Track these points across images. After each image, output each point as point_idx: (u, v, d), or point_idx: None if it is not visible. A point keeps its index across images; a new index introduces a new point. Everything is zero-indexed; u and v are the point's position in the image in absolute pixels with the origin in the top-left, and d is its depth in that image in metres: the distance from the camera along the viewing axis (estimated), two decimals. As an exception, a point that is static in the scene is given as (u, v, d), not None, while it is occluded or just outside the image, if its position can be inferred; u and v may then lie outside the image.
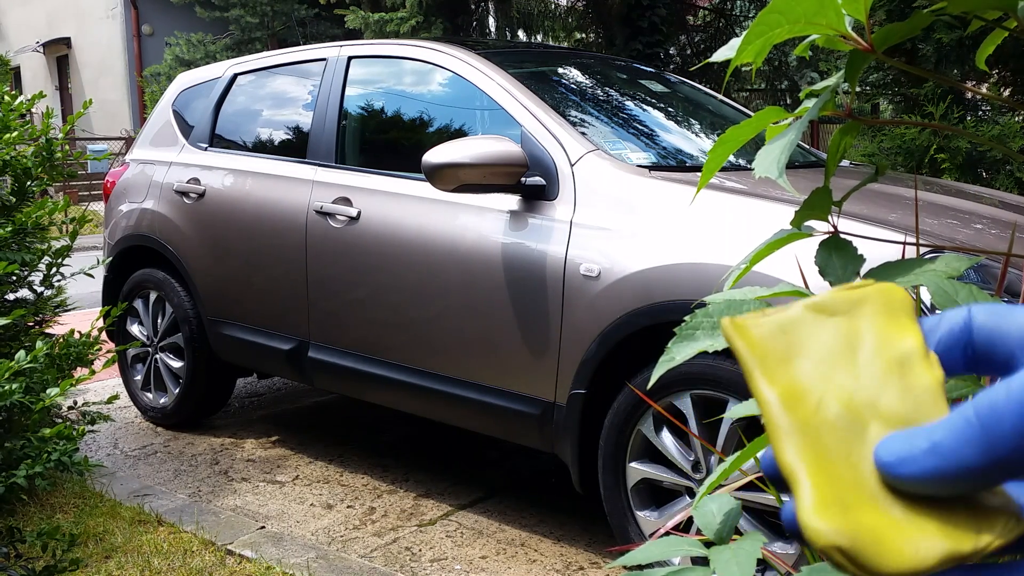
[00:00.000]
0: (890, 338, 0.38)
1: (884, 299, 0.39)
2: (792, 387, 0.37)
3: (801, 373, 0.37)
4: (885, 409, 0.36)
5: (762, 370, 0.37)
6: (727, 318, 0.39)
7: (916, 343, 0.38)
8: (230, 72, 4.06)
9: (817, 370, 0.37)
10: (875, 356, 0.37)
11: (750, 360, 0.38)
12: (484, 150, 2.62)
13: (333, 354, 3.28)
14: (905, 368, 0.37)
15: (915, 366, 0.37)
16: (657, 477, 2.49)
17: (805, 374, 0.37)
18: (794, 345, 0.38)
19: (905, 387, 0.37)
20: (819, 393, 0.37)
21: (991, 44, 0.80)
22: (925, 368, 0.37)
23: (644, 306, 2.40)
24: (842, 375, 0.37)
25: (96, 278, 3.35)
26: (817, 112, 0.68)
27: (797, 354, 0.38)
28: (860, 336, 0.38)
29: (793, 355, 0.38)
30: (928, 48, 4.92)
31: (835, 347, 0.38)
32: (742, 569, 0.83)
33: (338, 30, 12.66)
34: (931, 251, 2.01)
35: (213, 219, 3.72)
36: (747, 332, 0.38)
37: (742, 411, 0.76)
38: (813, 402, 0.36)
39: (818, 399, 0.36)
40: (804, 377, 0.37)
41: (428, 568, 2.73)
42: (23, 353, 1.99)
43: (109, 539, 2.85)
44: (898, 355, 0.37)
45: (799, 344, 0.38)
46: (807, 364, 0.37)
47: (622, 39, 8.16)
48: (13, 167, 2.70)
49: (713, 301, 0.69)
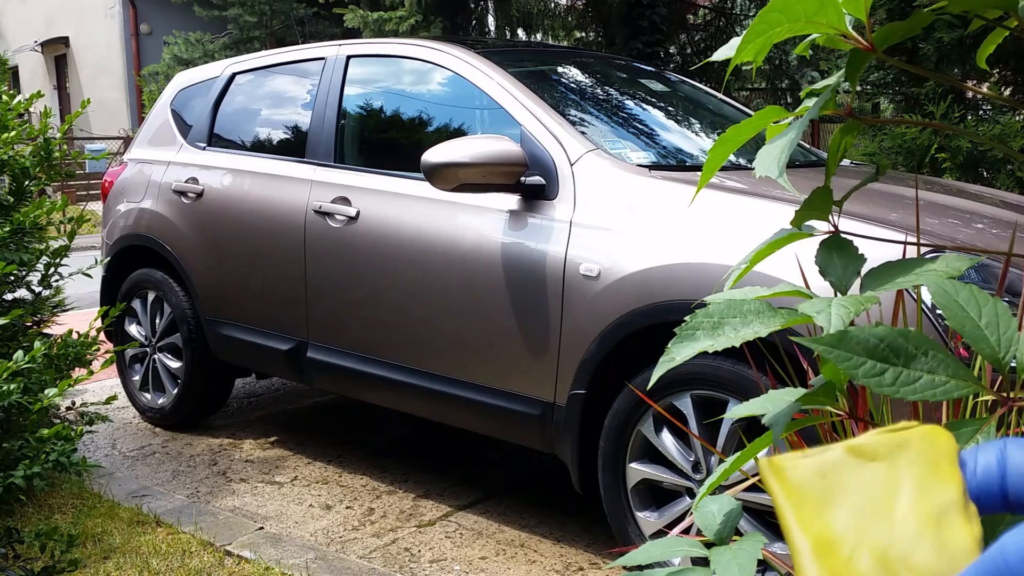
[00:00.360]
0: (930, 489, 0.37)
1: (927, 444, 0.39)
2: (826, 536, 0.37)
3: (836, 521, 0.37)
4: (919, 565, 0.36)
5: (797, 516, 0.37)
6: (765, 459, 0.39)
7: (956, 495, 0.37)
8: (228, 71, 4.05)
9: (853, 520, 0.37)
10: (913, 508, 0.37)
11: (785, 504, 0.38)
12: (483, 149, 2.61)
13: (332, 354, 3.27)
14: (943, 523, 0.37)
15: (953, 521, 0.37)
16: (657, 477, 2.49)
17: (840, 523, 0.37)
18: (832, 491, 0.38)
19: (941, 543, 0.36)
20: (853, 544, 0.36)
21: (992, 43, 0.80)
22: (963, 524, 0.37)
23: (644, 306, 2.40)
24: (878, 526, 0.37)
25: (94, 278, 3.34)
26: (818, 111, 0.68)
27: (834, 501, 0.38)
28: (899, 485, 0.38)
29: (830, 501, 0.38)
30: (929, 47, 4.92)
31: (873, 496, 0.38)
32: (742, 570, 0.83)
33: (337, 29, 12.65)
34: (932, 251, 2.01)
35: (211, 219, 3.72)
36: (784, 475, 0.38)
37: (742, 411, 0.76)
38: (846, 553, 0.36)
39: (851, 551, 0.36)
40: (839, 526, 0.37)
41: (427, 569, 2.73)
42: (21, 353, 1.99)
43: (107, 540, 2.84)
44: (937, 508, 0.37)
45: (837, 490, 0.38)
46: (843, 512, 0.37)
47: (622, 38, 8.16)
48: (11, 167, 2.70)
49: (713, 301, 0.68)
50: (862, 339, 0.57)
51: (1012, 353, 0.60)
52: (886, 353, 0.57)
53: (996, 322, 0.61)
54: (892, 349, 0.57)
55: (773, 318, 0.65)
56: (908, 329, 0.58)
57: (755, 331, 0.64)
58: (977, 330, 0.61)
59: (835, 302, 0.64)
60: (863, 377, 0.56)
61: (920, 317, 1.83)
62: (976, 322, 0.61)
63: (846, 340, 0.57)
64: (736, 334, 0.64)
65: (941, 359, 0.57)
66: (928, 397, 0.56)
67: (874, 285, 0.67)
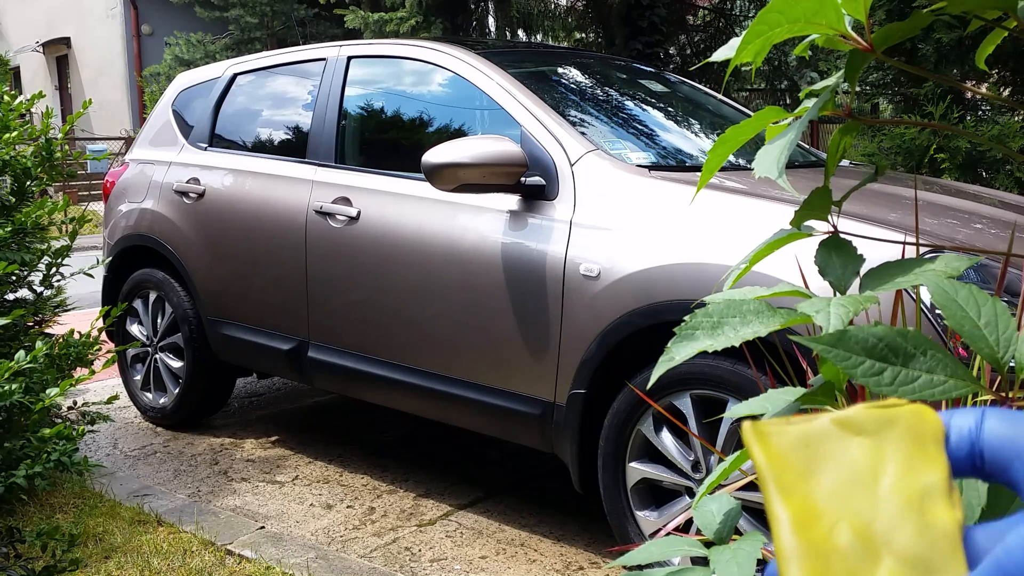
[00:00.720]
0: (915, 469, 0.37)
1: (915, 423, 0.38)
2: (807, 507, 0.36)
3: (818, 493, 0.36)
4: (899, 546, 0.35)
5: (778, 485, 0.37)
6: (749, 423, 0.38)
7: (941, 477, 0.37)
8: (230, 72, 4.06)
9: (835, 492, 0.36)
10: (897, 487, 0.37)
11: (767, 472, 0.37)
12: (484, 150, 2.61)
13: (333, 354, 3.28)
14: (926, 505, 0.36)
15: (936, 504, 0.36)
16: (657, 477, 2.49)
17: (822, 495, 0.36)
18: (815, 461, 0.37)
19: (923, 526, 0.36)
20: (834, 518, 0.36)
21: (991, 44, 0.80)
22: (946, 508, 0.36)
23: (644, 306, 2.40)
24: (861, 502, 0.36)
25: (96, 278, 3.34)
26: (817, 112, 0.68)
27: (817, 471, 0.37)
28: (884, 461, 0.37)
29: (813, 472, 0.37)
30: (928, 48, 4.92)
31: (857, 470, 0.37)
32: (742, 569, 0.83)
33: (338, 30, 12.66)
34: (931, 251, 2.01)
35: (213, 219, 3.72)
36: (768, 441, 0.38)
37: (742, 411, 0.76)
38: (826, 526, 0.36)
39: (832, 524, 0.36)
40: (821, 498, 0.36)
41: (428, 568, 2.73)
42: (23, 353, 1.99)
43: (109, 539, 2.85)
44: (920, 489, 0.36)
45: (821, 461, 0.37)
46: (826, 484, 0.37)
47: (622, 39, 8.16)
48: (13, 167, 2.70)
49: (713, 301, 0.69)
50: (861, 338, 0.57)
51: (1011, 353, 0.60)
52: (885, 352, 0.57)
53: (995, 322, 0.61)
54: (891, 348, 0.57)
55: (772, 318, 0.65)
56: (907, 329, 0.58)
57: (755, 331, 0.64)
58: (976, 330, 0.61)
59: (834, 302, 0.64)
60: (862, 376, 0.57)
61: (919, 317, 1.83)
62: (975, 322, 0.61)
63: (845, 339, 0.57)
64: (736, 334, 0.64)
65: (940, 359, 0.57)
66: (927, 397, 0.56)
67: (873, 285, 0.68)
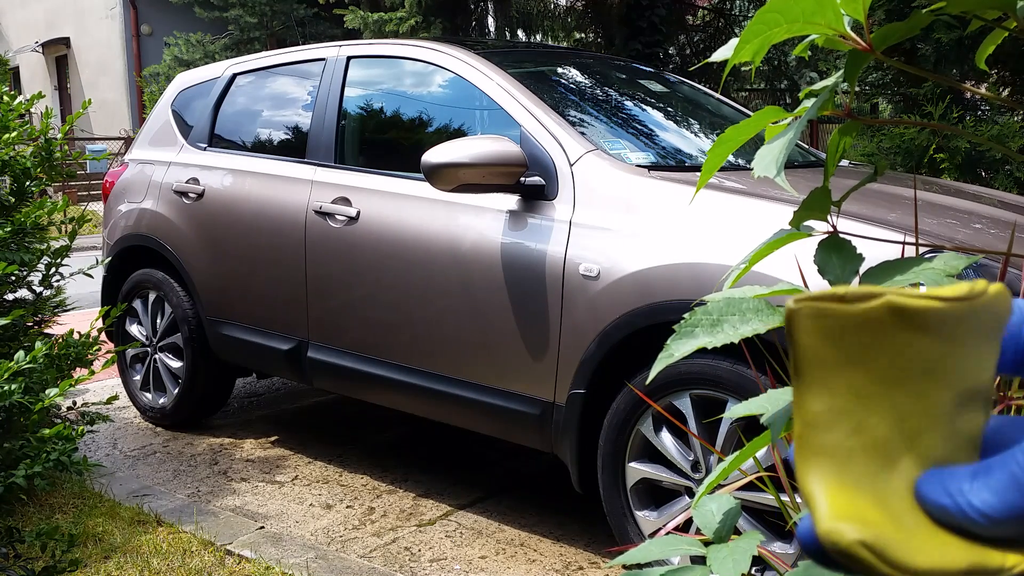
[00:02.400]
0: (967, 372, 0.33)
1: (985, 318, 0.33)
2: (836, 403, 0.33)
3: (854, 386, 0.33)
4: (923, 447, 0.33)
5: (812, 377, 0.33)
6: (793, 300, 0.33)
7: (988, 381, 0.34)
8: (229, 72, 4.06)
9: (873, 387, 0.33)
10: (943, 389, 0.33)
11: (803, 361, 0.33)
12: (483, 150, 2.62)
13: (332, 354, 3.28)
14: (963, 410, 0.33)
15: (972, 410, 0.34)
16: (656, 477, 2.49)
17: (859, 389, 0.33)
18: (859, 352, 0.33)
19: (953, 431, 0.33)
20: (864, 414, 0.33)
21: (990, 44, 0.80)
22: (979, 414, 0.34)
23: (643, 306, 2.40)
24: (900, 397, 0.33)
25: (95, 278, 3.34)
26: (816, 112, 0.68)
27: (859, 363, 0.33)
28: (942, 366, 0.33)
29: (854, 363, 0.33)
30: (927, 48, 4.93)
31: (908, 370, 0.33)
32: (737, 565, 0.84)
33: (337, 30, 12.66)
34: (930, 251, 2.01)
35: (212, 219, 3.72)
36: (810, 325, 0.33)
37: (741, 411, 0.76)
38: (853, 422, 0.33)
39: (860, 420, 0.33)
40: (855, 392, 0.33)
41: (427, 568, 2.73)
42: (22, 353, 1.99)
43: (108, 539, 2.85)
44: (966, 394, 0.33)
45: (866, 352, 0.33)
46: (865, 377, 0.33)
47: (621, 39, 8.17)
48: (12, 167, 2.70)
49: (713, 300, 0.69)
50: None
51: (1009, 351, 0.60)
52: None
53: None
54: (889, 347, 0.57)
55: (772, 316, 0.66)
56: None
57: (754, 328, 0.64)
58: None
59: (833, 301, 0.64)
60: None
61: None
62: (973, 321, 0.61)
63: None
64: (735, 331, 0.64)
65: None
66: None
67: (872, 284, 0.68)
